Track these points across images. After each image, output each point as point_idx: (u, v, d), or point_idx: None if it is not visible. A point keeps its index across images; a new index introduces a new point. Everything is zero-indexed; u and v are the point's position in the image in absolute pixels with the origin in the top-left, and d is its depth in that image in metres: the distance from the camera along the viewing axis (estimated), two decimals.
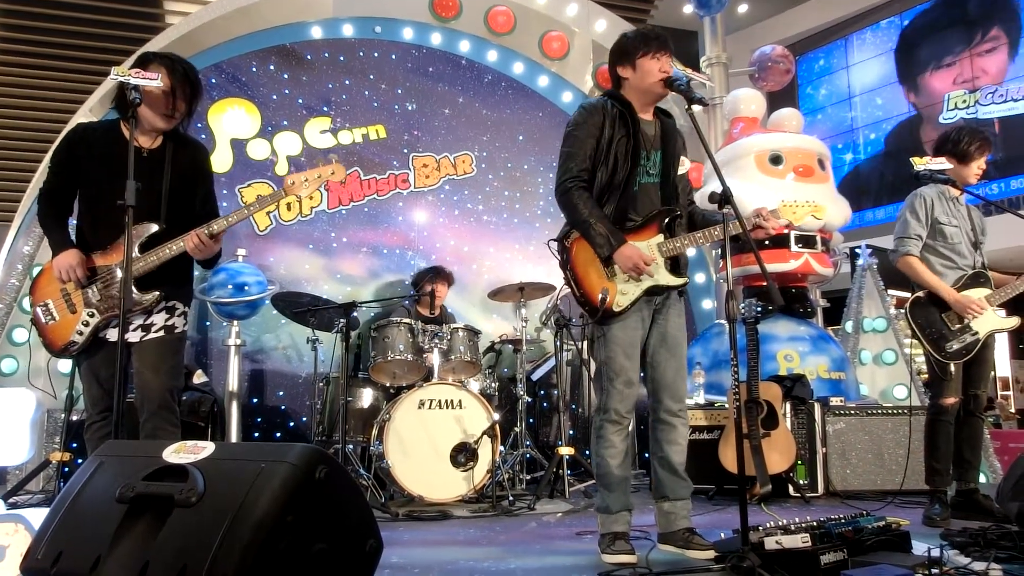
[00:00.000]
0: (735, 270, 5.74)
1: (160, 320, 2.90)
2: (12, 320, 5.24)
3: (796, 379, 4.96)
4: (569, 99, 7.15)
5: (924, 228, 3.81)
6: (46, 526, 1.85)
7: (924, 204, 3.82)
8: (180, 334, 2.96)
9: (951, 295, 3.69)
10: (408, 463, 4.47)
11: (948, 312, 3.72)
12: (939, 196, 3.85)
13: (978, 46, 12.26)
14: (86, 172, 2.89)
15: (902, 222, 3.87)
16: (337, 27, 6.58)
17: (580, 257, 2.98)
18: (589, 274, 2.96)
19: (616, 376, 2.92)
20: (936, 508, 3.66)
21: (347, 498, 1.86)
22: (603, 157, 2.93)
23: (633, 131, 2.94)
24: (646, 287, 2.92)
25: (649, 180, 3.00)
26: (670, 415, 3.00)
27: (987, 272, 3.79)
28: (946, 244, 3.80)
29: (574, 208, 2.92)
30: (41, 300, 2.91)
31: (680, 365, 3.02)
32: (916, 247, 3.80)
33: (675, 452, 3.00)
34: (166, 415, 2.85)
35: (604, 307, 2.89)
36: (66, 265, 2.80)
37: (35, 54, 8.20)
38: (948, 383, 3.70)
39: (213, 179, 3.12)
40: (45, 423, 5.06)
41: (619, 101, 3.00)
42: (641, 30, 3.07)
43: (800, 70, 14.02)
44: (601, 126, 2.94)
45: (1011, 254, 10.61)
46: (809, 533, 2.43)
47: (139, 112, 2.76)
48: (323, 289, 6.00)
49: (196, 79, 2.95)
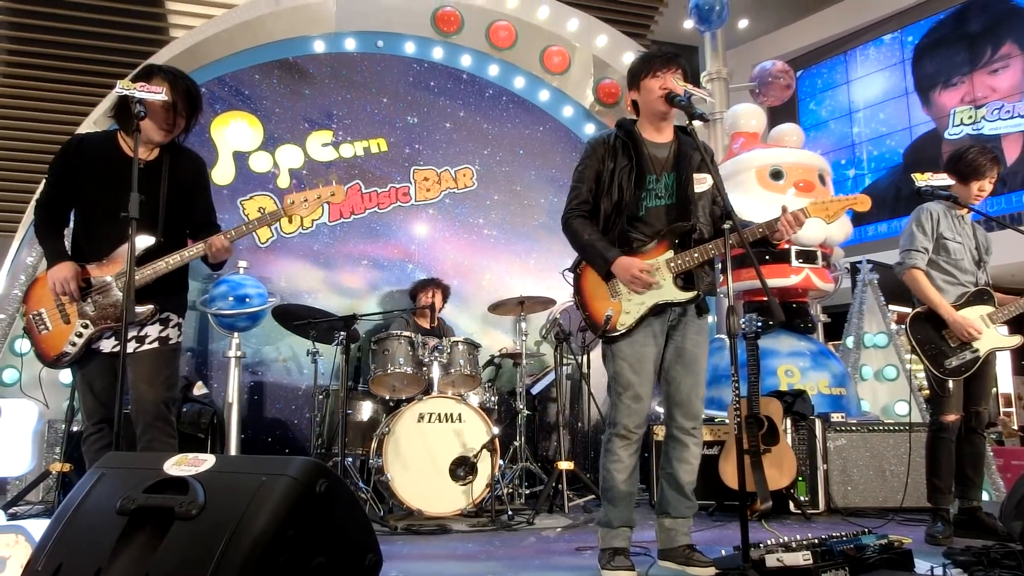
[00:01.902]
0: (736, 285, 5.75)
1: (154, 332, 2.90)
2: (14, 331, 5.24)
3: (797, 395, 4.95)
4: (570, 114, 7.18)
5: (930, 242, 3.81)
6: (47, 538, 1.85)
7: (931, 218, 3.82)
8: (174, 345, 2.95)
9: (950, 315, 3.69)
10: (407, 477, 4.46)
11: (948, 329, 3.72)
12: (945, 212, 3.85)
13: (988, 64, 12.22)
14: (82, 183, 2.89)
15: (908, 235, 3.87)
16: (340, 41, 6.62)
17: (588, 282, 3.06)
18: (595, 297, 3.02)
19: (624, 391, 2.92)
20: (938, 526, 3.64)
21: (347, 512, 1.86)
22: (606, 188, 2.99)
23: (640, 158, 2.97)
24: (651, 304, 2.92)
25: (658, 204, 3.00)
26: (682, 432, 2.99)
27: (991, 290, 3.79)
28: (949, 260, 3.81)
29: (574, 235, 3.03)
30: (34, 309, 2.88)
31: (696, 382, 3.00)
32: (922, 260, 3.80)
33: (684, 471, 2.99)
34: (162, 426, 2.85)
35: (608, 327, 2.93)
36: (61, 278, 2.79)
37: (39, 67, 8.23)
38: (948, 400, 3.70)
39: (210, 189, 3.12)
40: (46, 434, 5.05)
41: (624, 130, 3.05)
42: (647, 52, 3.10)
43: (801, 85, 14.07)
44: (603, 158, 3.01)
45: (1012, 270, 10.61)
46: (810, 551, 2.42)
47: (140, 125, 2.76)
48: (323, 301, 6.00)
49: (197, 95, 2.96)
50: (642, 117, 3.08)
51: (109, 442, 2.77)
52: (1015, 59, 11.95)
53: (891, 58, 13.61)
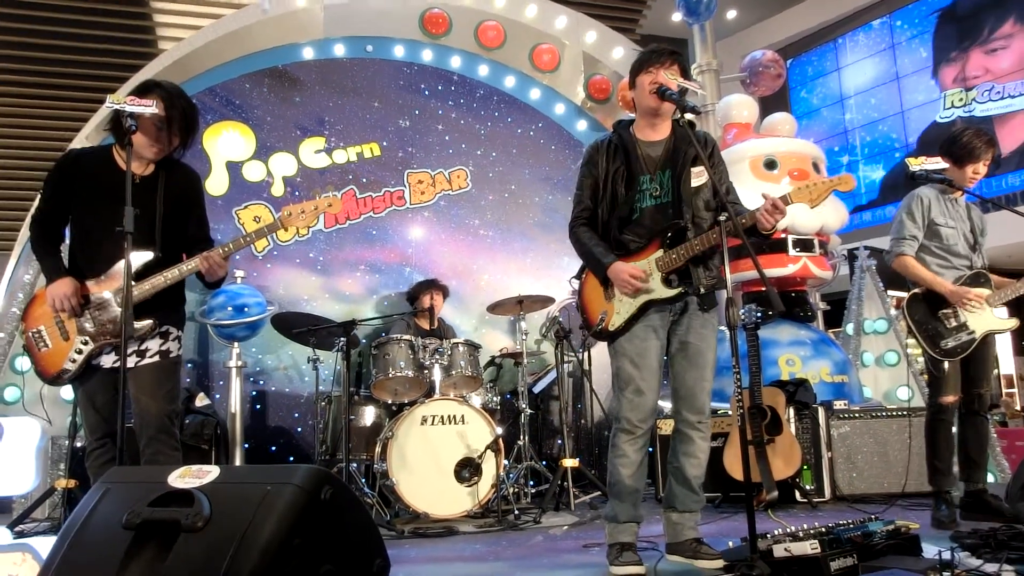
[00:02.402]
0: (734, 276, 5.74)
1: (155, 345, 2.90)
2: (14, 349, 5.23)
3: (799, 384, 4.95)
4: (561, 111, 7.18)
5: (920, 229, 3.81)
6: (54, 555, 1.85)
7: (921, 205, 3.82)
8: (175, 358, 2.96)
9: (947, 286, 3.70)
10: (412, 480, 4.46)
11: (945, 310, 3.72)
12: (937, 197, 3.85)
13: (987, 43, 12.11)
14: (78, 198, 2.89)
15: (898, 223, 3.88)
16: (329, 47, 6.61)
17: (588, 287, 3.14)
18: (592, 300, 3.11)
19: (625, 385, 2.95)
20: (943, 509, 3.64)
21: (353, 518, 1.86)
22: (603, 193, 3.05)
23: (630, 159, 2.99)
24: (639, 304, 2.95)
25: (653, 203, 2.99)
26: (687, 426, 2.99)
27: (987, 273, 3.79)
28: (942, 245, 3.81)
29: (578, 243, 3.11)
30: (34, 327, 2.88)
31: (701, 376, 2.97)
32: (911, 248, 3.81)
33: (691, 465, 2.98)
34: (165, 439, 2.85)
35: (601, 327, 3.03)
36: (60, 294, 2.78)
37: (30, 83, 8.23)
38: (946, 381, 3.70)
39: (205, 203, 3.12)
40: (50, 450, 5.05)
41: (618, 132, 3.09)
42: (645, 49, 3.09)
43: (791, 74, 14.08)
44: (599, 163, 3.05)
45: (1009, 251, 10.63)
46: (818, 539, 2.42)
47: (133, 139, 2.76)
48: (322, 308, 6.00)
49: (194, 115, 2.95)
50: (638, 115, 3.09)
51: (112, 457, 2.77)
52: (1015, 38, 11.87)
53: (880, 43, 13.61)
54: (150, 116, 2.75)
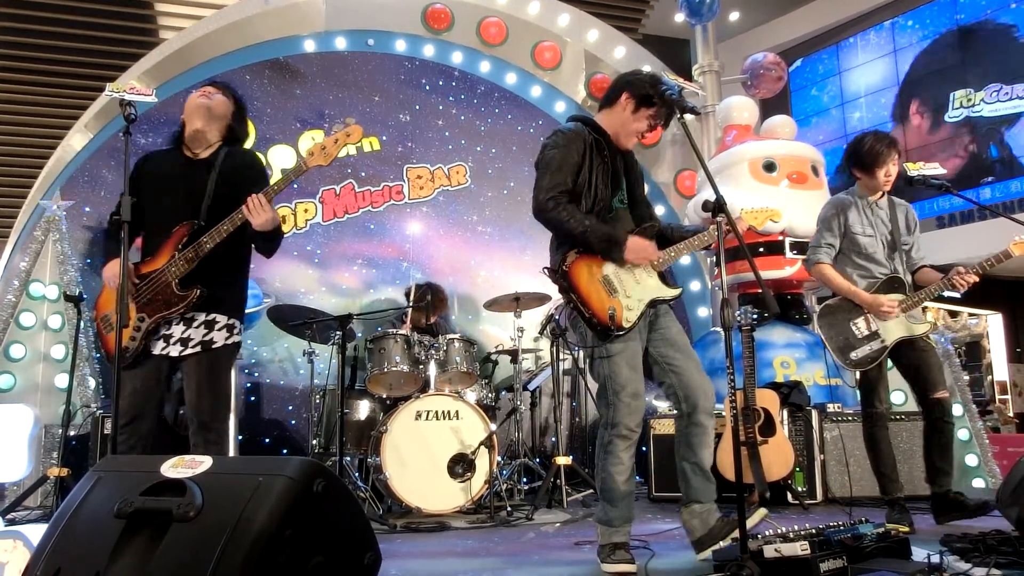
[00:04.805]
0: (730, 278, 5.74)
1: (198, 335, 2.92)
2: (9, 336, 5.22)
3: (793, 386, 4.97)
4: (562, 109, 7.18)
5: (836, 238, 3.84)
6: (44, 542, 1.85)
7: (837, 215, 3.84)
8: (219, 349, 2.95)
9: (863, 296, 3.71)
10: (405, 475, 4.46)
11: (856, 319, 3.73)
12: (854, 204, 3.85)
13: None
14: (144, 190, 3.01)
15: (816, 232, 3.93)
16: (330, 40, 6.61)
17: (581, 279, 2.91)
18: (592, 294, 2.89)
19: (621, 389, 2.87)
20: (896, 515, 3.65)
21: (345, 511, 1.86)
22: (584, 185, 2.93)
23: (611, 159, 2.99)
24: (648, 301, 2.93)
25: (622, 206, 3.06)
26: (704, 415, 2.94)
27: (902, 277, 3.78)
28: (860, 253, 3.82)
29: (563, 222, 2.86)
30: (101, 313, 3.04)
31: (697, 365, 3.00)
32: (827, 255, 3.84)
33: (708, 456, 2.98)
34: (203, 432, 2.90)
35: (615, 324, 2.84)
36: (109, 275, 2.94)
37: (29, 71, 8.19)
38: (872, 390, 3.72)
39: (266, 183, 3.03)
40: (43, 439, 5.04)
41: (595, 128, 3.03)
42: (657, 78, 3.09)
43: (793, 77, 14.08)
44: (584, 153, 2.94)
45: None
46: (808, 541, 2.42)
47: (198, 129, 3.00)
48: (319, 301, 5.99)
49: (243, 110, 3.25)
50: (613, 124, 3.05)
51: (135, 444, 2.82)
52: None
53: (884, 47, 13.61)
54: (215, 104, 3.03)
